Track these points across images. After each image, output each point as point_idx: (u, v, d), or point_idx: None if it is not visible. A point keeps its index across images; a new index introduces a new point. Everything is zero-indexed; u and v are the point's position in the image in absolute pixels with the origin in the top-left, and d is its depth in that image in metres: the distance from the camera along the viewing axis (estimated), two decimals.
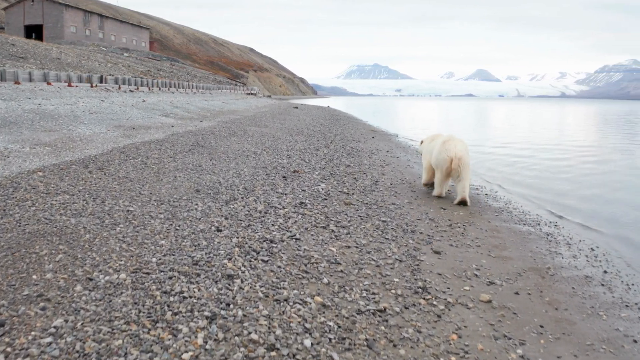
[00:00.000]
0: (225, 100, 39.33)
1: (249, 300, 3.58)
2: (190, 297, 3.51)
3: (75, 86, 26.91)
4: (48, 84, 24.98)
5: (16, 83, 21.99)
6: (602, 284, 4.83)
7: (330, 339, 3.21)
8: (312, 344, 3.11)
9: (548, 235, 6.51)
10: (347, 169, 10.17)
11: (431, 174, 8.97)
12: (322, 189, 7.83)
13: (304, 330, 3.26)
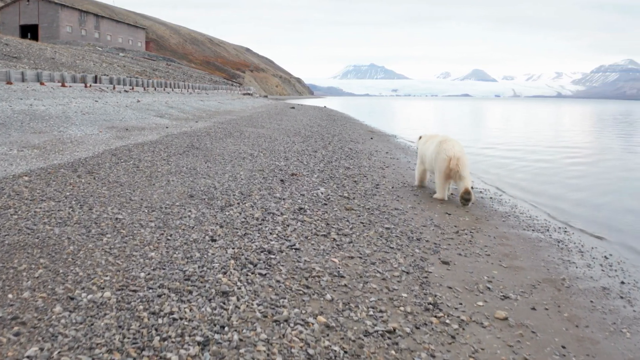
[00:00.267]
0: (221, 101, 38.94)
1: (246, 321, 3.26)
2: (181, 319, 3.18)
3: (69, 86, 26.49)
4: (41, 84, 24.56)
5: (8, 83, 21.58)
6: (621, 297, 4.54)
7: None
8: None
9: (559, 242, 6.22)
10: (347, 171, 9.86)
11: (423, 175, 8.76)
12: (322, 193, 7.52)
13: (307, 357, 2.93)
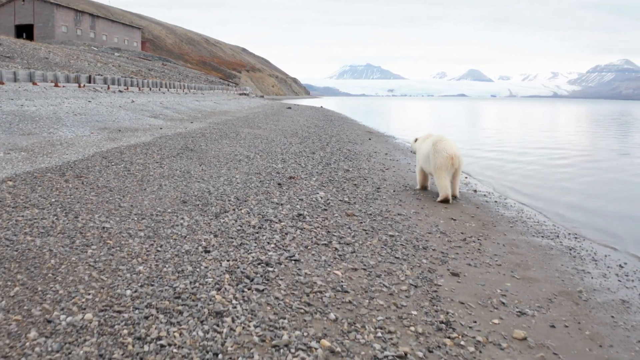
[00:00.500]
0: (217, 101, 38.57)
1: (242, 346, 2.94)
2: (170, 345, 2.86)
3: (62, 86, 26.10)
4: (34, 84, 24.17)
5: (0, 83, 21.20)
6: None
7: None
8: None
9: (571, 250, 5.92)
10: (346, 174, 9.55)
11: (424, 178, 8.59)
12: (321, 198, 7.20)
13: None
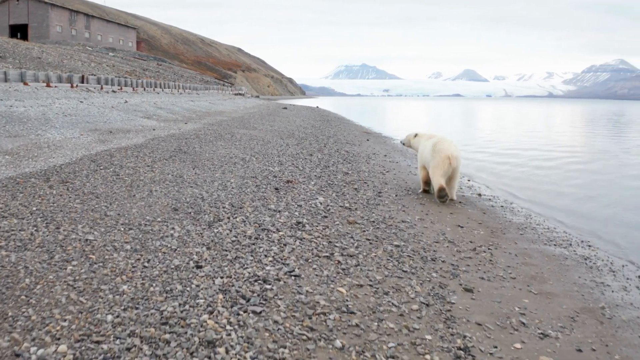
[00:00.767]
0: (212, 101, 38.12)
1: None
2: None
3: (54, 86, 25.60)
4: (25, 84, 23.66)
5: None
6: None
7: None
8: None
9: (586, 260, 5.58)
10: (346, 177, 9.19)
11: (427, 179, 8.34)
12: (321, 204, 6.84)
13: None
